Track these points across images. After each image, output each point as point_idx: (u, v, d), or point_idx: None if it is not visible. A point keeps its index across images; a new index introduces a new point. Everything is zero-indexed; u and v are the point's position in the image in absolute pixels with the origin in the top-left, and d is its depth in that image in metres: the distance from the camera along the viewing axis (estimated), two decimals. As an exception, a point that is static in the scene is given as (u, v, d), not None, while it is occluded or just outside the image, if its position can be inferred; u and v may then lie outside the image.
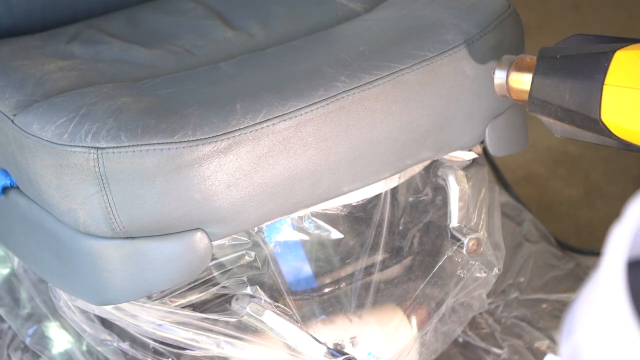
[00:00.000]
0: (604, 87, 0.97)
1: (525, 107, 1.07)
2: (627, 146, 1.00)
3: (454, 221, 1.27)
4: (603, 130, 0.99)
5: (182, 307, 1.17)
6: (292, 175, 1.10)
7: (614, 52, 0.97)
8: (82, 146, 1.05)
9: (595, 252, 1.66)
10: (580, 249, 1.67)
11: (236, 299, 1.18)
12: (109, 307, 1.17)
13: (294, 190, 1.11)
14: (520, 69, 1.07)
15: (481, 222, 1.29)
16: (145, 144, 1.05)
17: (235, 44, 1.28)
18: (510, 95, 1.09)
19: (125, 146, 1.05)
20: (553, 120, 1.04)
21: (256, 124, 1.08)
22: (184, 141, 1.05)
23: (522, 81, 1.07)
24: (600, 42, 1.02)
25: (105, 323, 1.24)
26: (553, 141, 1.97)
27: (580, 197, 1.88)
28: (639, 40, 0.99)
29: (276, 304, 1.19)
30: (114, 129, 1.06)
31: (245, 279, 1.19)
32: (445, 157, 1.26)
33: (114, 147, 1.05)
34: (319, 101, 1.11)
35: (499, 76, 1.08)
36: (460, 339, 1.50)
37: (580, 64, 0.99)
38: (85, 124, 1.07)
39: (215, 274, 1.19)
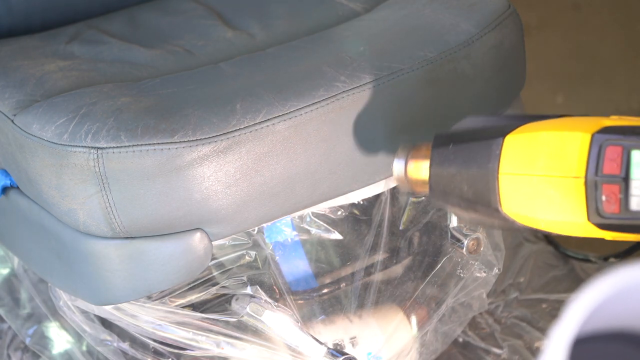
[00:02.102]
0: (499, 175, 0.91)
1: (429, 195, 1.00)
2: (535, 231, 0.93)
3: (454, 221, 1.27)
4: (506, 219, 0.93)
5: (182, 307, 1.17)
6: (292, 175, 1.10)
7: (503, 137, 0.92)
8: (82, 146, 1.05)
9: (589, 258, 1.65)
10: (575, 254, 1.67)
11: (236, 299, 1.18)
12: (109, 307, 1.17)
13: (294, 190, 1.11)
14: (417, 158, 1.01)
15: (481, 222, 1.29)
16: (145, 144, 1.05)
17: (235, 44, 1.28)
18: (411, 187, 1.02)
19: (125, 146, 1.04)
20: (458, 210, 0.98)
21: (256, 124, 1.08)
22: (184, 141, 1.05)
23: (420, 169, 1.01)
24: (492, 123, 0.96)
25: (105, 323, 1.24)
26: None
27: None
28: (528, 118, 0.94)
29: (276, 304, 1.19)
30: (114, 129, 1.06)
31: (245, 279, 1.19)
32: (445, 157, 1.26)
33: (114, 147, 1.05)
34: (319, 101, 1.11)
35: (397, 166, 1.02)
36: (460, 339, 1.50)
37: (473, 153, 0.94)
38: (85, 124, 1.07)
39: (215, 274, 1.19)
